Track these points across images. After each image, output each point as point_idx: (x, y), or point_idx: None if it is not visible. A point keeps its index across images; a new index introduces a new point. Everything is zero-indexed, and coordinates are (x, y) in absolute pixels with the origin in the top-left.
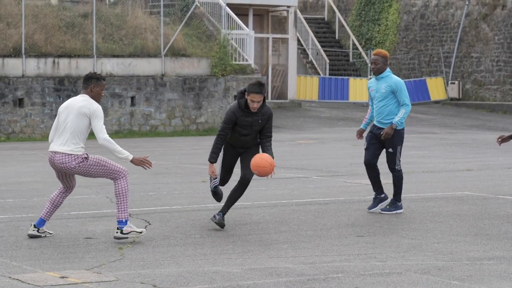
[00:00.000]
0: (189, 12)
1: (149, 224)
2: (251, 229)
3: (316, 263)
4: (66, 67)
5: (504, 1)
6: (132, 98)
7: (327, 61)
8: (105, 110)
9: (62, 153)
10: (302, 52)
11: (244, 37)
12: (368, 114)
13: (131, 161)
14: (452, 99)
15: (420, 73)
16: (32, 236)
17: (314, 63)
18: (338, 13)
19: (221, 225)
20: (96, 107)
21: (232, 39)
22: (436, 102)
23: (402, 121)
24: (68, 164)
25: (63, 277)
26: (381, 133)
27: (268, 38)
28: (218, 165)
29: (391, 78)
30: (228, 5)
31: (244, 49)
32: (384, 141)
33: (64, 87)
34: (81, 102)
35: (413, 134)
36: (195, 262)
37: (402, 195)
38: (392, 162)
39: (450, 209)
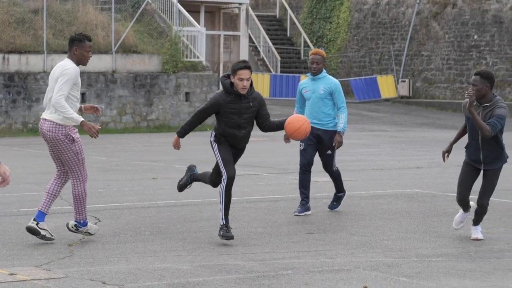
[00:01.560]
0: (140, 9)
1: (99, 221)
2: (201, 226)
3: (266, 260)
4: (16, 63)
5: (454, 0)
6: (83, 94)
7: (279, 58)
8: None
9: (51, 121)
10: (254, 49)
11: (196, 34)
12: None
13: (81, 124)
14: (402, 97)
15: (371, 71)
16: (29, 230)
17: (266, 60)
18: (289, 11)
19: (231, 237)
20: (69, 67)
21: (183, 36)
22: (387, 100)
23: (346, 126)
24: (55, 133)
25: (11, 274)
26: (333, 143)
27: (219, 35)
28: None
29: (329, 79)
30: (180, 2)
31: (195, 46)
32: (323, 143)
33: (14, 83)
34: (59, 66)
35: (363, 132)
36: (144, 259)
37: (352, 192)
38: (330, 164)
39: (400, 206)
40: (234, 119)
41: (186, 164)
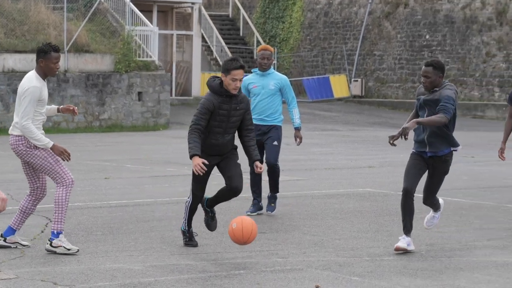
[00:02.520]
0: (93, 8)
1: (50, 221)
2: (153, 226)
3: (218, 260)
4: None
5: (406, 0)
6: None
7: None
8: (7, 106)
9: (13, 135)
10: (207, 49)
11: (148, 34)
12: None
13: (51, 148)
14: (355, 96)
15: (323, 71)
16: None
17: (219, 60)
18: (242, 10)
19: (212, 226)
20: (27, 87)
21: (136, 35)
22: (339, 99)
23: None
24: (17, 147)
25: None
26: (296, 141)
27: (172, 34)
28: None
29: (278, 75)
30: (132, 1)
31: (148, 45)
32: (269, 136)
33: None
34: (22, 82)
35: (316, 131)
36: (96, 259)
37: (305, 192)
38: (275, 156)
39: (352, 205)
40: (223, 121)
41: (138, 164)
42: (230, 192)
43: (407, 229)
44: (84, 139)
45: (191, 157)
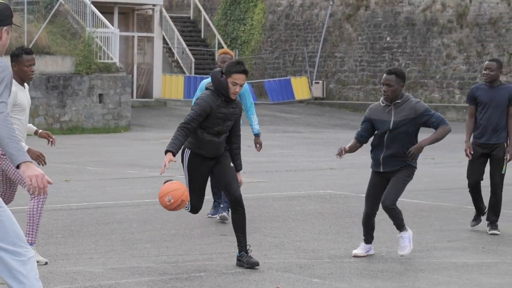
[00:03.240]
0: (53, 10)
1: None
2: (114, 228)
3: (179, 262)
4: None
5: (367, 2)
6: None
7: (193, 60)
8: None
9: None
10: (168, 50)
11: (109, 36)
12: None
13: (27, 151)
14: (316, 98)
15: (285, 73)
16: None
17: (180, 62)
18: (204, 12)
19: (255, 264)
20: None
21: (97, 37)
22: (301, 101)
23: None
24: None
25: None
26: (257, 147)
27: (133, 36)
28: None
29: None
30: (93, 3)
31: (109, 47)
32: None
33: None
34: None
35: (277, 133)
36: (56, 262)
37: (266, 194)
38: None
39: (313, 207)
40: (219, 124)
41: (99, 166)
42: (233, 203)
43: (368, 240)
44: (45, 141)
45: (165, 152)
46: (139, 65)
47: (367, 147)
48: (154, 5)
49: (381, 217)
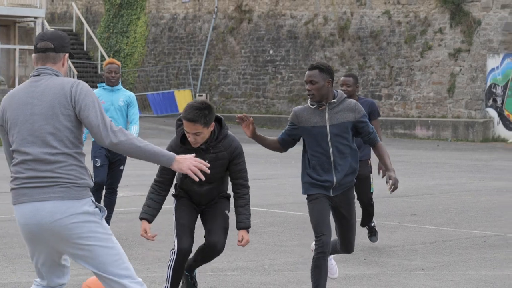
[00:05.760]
0: None
1: None
2: None
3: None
4: None
5: (250, 15)
6: None
7: (76, 72)
8: None
9: None
10: None
11: None
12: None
13: None
14: None
15: (168, 86)
16: None
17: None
18: (86, 25)
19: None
20: None
21: None
22: None
23: None
24: None
25: None
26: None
27: (15, 49)
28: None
29: (126, 91)
30: None
31: None
32: (116, 159)
33: None
34: None
35: (161, 147)
36: None
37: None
38: (118, 180)
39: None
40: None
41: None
42: (207, 248)
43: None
44: None
45: (140, 218)
46: (21, 78)
47: (251, 159)
48: (36, 17)
49: (264, 230)
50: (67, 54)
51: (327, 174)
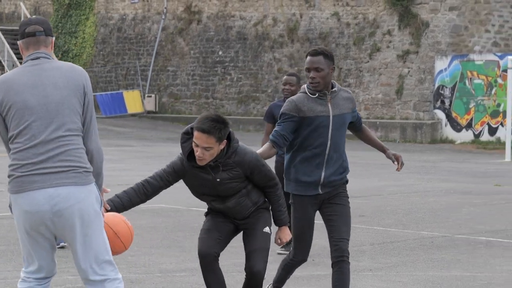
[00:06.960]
0: None
1: None
2: None
3: (8, 279)
4: None
5: (199, 16)
6: None
7: None
8: None
9: None
10: None
11: None
12: None
13: None
14: (149, 112)
15: (117, 86)
16: None
17: None
18: None
19: None
20: None
21: None
22: (133, 115)
23: None
24: None
25: None
26: None
27: None
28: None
29: None
30: None
31: None
32: None
33: None
34: None
35: (109, 147)
36: None
37: None
38: None
39: (145, 221)
40: (209, 192)
41: None
42: (248, 275)
43: None
44: None
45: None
46: None
47: None
48: None
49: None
50: (54, 38)
51: (317, 169)
